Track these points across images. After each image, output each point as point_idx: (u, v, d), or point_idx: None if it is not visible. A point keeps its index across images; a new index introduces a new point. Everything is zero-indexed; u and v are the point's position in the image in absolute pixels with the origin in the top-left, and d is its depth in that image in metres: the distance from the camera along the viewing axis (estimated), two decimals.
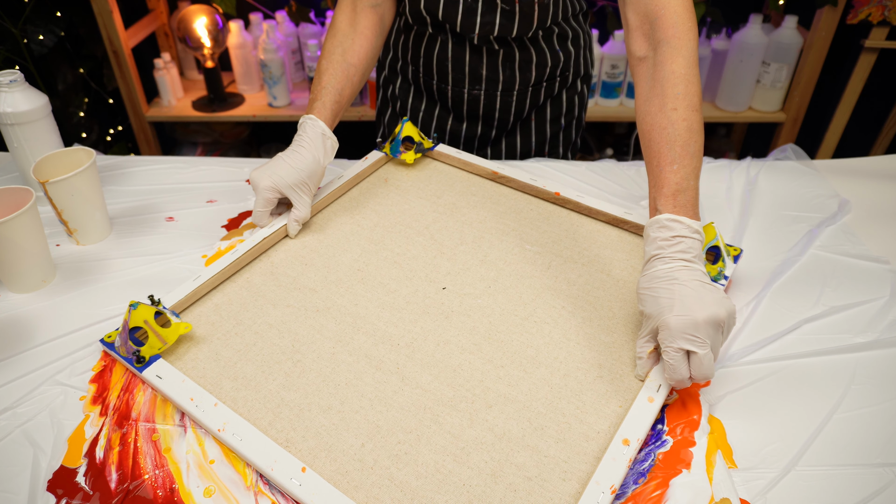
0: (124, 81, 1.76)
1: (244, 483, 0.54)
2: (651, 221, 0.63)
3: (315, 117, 0.80)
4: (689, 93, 0.65)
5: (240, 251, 0.74)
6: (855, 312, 0.71)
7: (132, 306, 0.61)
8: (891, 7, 1.57)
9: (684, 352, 0.56)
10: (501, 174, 0.88)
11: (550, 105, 1.03)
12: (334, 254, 0.77)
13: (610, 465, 0.52)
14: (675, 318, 0.55)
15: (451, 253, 0.77)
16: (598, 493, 0.50)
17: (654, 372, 0.59)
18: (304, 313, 0.68)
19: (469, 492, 0.52)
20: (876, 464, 0.55)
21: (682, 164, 0.63)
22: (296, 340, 0.65)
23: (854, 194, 0.92)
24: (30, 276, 0.74)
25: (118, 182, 0.97)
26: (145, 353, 0.61)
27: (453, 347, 0.64)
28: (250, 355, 0.64)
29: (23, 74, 0.84)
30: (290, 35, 1.84)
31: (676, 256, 0.60)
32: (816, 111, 1.87)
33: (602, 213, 0.81)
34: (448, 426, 0.57)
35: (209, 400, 0.57)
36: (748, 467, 0.55)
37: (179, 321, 0.63)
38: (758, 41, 1.72)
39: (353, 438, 0.56)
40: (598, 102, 1.87)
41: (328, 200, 0.85)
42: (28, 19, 1.61)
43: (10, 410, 0.60)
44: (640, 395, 0.58)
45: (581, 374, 0.62)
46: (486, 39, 0.90)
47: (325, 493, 0.50)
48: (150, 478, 0.54)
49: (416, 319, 0.68)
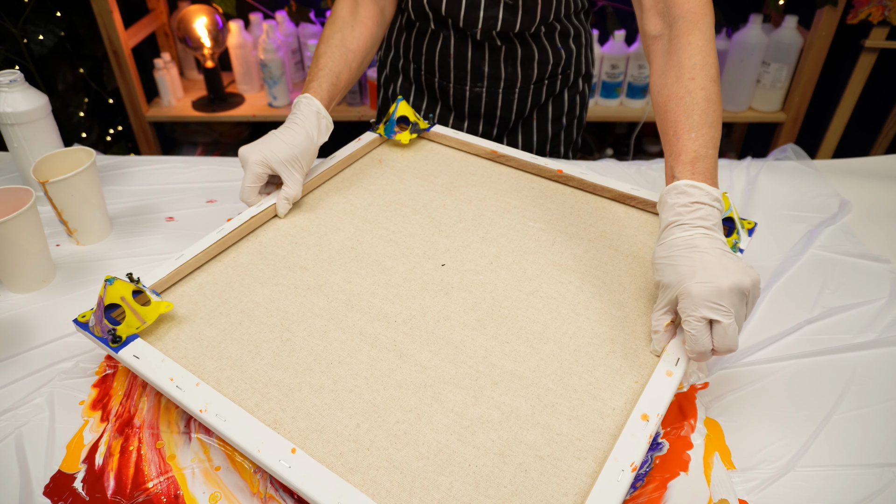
0: (124, 81, 1.76)
1: (250, 490, 0.53)
2: (668, 188, 0.60)
3: (310, 96, 0.78)
4: (706, 63, 0.63)
5: (226, 230, 0.70)
6: (855, 312, 0.71)
7: (108, 281, 0.57)
8: (891, 7, 1.57)
9: (707, 321, 0.52)
10: (501, 153, 0.84)
11: (552, 104, 1.03)
12: (326, 232, 0.72)
13: (629, 442, 0.48)
14: (697, 285, 0.52)
15: (449, 230, 0.72)
16: (618, 470, 0.46)
17: (672, 346, 0.56)
18: (294, 291, 0.64)
19: (476, 472, 0.48)
20: (876, 464, 0.55)
21: (701, 132, 0.61)
22: (285, 318, 0.61)
23: (854, 194, 0.92)
24: (30, 276, 0.74)
25: (118, 182, 0.97)
26: (122, 332, 0.57)
27: (454, 324, 0.60)
28: (236, 335, 0.59)
29: (23, 74, 0.84)
30: (290, 35, 1.84)
31: (696, 223, 0.57)
32: (816, 111, 1.87)
33: (607, 190, 0.77)
34: (451, 404, 0.53)
35: (191, 380, 0.53)
36: (748, 468, 0.55)
37: (160, 300, 0.60)
38: (758, 41, 1.72)
39: (348, 419, 0.52)
40: (598, 102, 1.87)
41: (319, 181, 0.81)
42: (28, 19, 1.61)
43: (9, 412, 0.60)
44: (658, 369, 0.53)
45: (592, 349, 0.58)
46: (489, 35, 0.90)
47: (317, 475, 0.46)
48: (154, 485, 0.53)
49: (414, 296, 0.63)
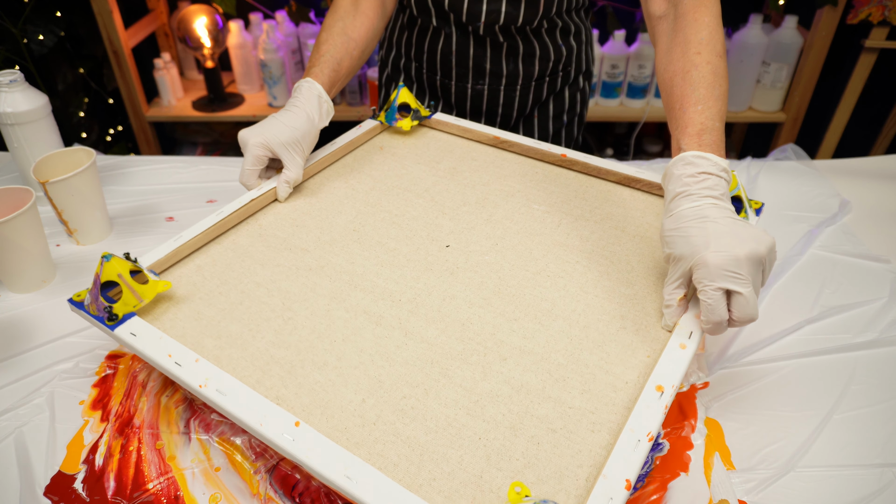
0: (124, 81, 1.76)
1: (251, 490, 0.53)
2: (674, 160, 0.59)
3: (312, 80, 0.77)
4: (713, 39, 0.62)
5: (225, 212, 0.69)
6: (855, 312, 0.71)
7: (105, 258, 0.56)
8: (891, 7, 1.57)
9: (724, 291, 0.51)
10: (504, 139, 0.83)
11: (553, 101, 1.03)
12: (328, 216, 0.71)
13: (644, 412, 0.46)
14: (713, 254, 0.51)
15: (453, 213, 0.71)
16: (634, 440, 0.44)
17: (684, 320, 0.55)
18: (296, 272, 0.63)
19: (486, 445, 0.47)
20: (876, 464, 0.55)
21: (707, 105, 0.60)
22: (286, 298, 0.60)
23: (854, 194, 0.92)
24: (30, 276, 0.74)
25: (118, 182, 0.97)
26: (118, 310, 0.55)
27: (460, 302, 0.59)
28: (236, 314, 0.58)
29: (23, 74, 0.84)
30: (290, 35, 1.84)
31: (703, 193, 0.55)
32: (816, 111, 1.87)
33: (612, 173, 0.76)
34: (459, 380, 0.51)
35: (190, 356, 0.52)
36: (748, 468, 0.55)
37: (158, 279, 0.58)
38: (758, 41, 1.72)
39: (353, 394, 0.51)
40: (598, 102, 1.87)
41: (320, 166, 0.80)
42: (28, 19, 1.61)
43: (9, 412, 0.60)
44: (671, 342, 0.52)
45: (602, 325, 0.56)
46: (491, 29, 0.90)
47: (322, 448, 0.45)
48: (154, 486, 0.53)
49: (419, 276, 0.62)
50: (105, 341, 0.68)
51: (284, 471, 0.54)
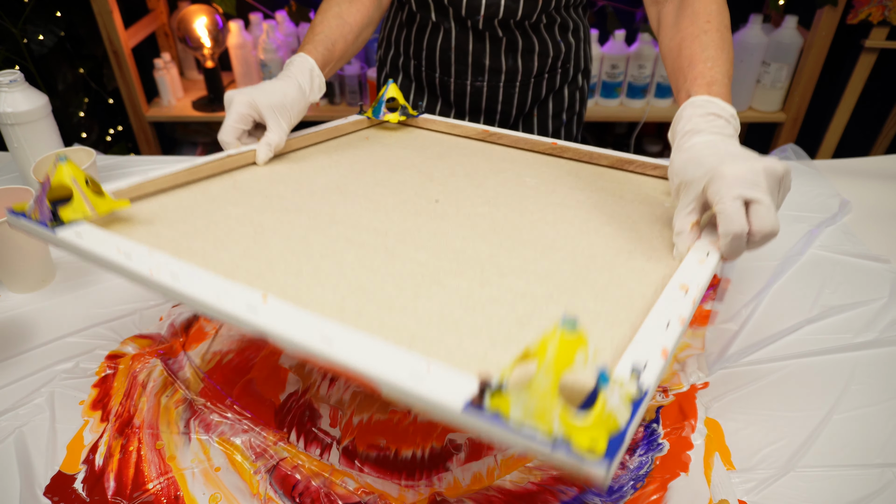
0: (124, 81, 1.76)
1: (251, 491, 0.53)
2: (685, 104, 0.58)
3: (305, 54, 0.76)
4: (721, 13, 0.62)
5: (198, 162, 0.62)
6: (854, 312, 0.71)
7: (60, 158, 0.50)
8: (891, 7, 1.57)
9: (742, 201, 0.48)
10: (492, 132, 0.81)
11: (552, 100, 1.03)
12: (309, 177, 0.66)
13: (670, 302, 0.43)
14: (730, 166, 0.48)
15: (441, 180, 0.67)
16: (663, 324, 0.40)
17: (699, 242, 0.51)
18: (271, 211, 0.57)
19: (490, 335, 0.41)
20: (876, 464, 0.55)
21: (717, 63, 0.59)
22: (260, 227, 0.54)
23: (854, 194, 0.92)
24: (30, 276, 0.74)
25: (118, 182, 0.97)
26: (65, 215, 0.48)
27: (452, 237, 0.54)
28: (200, 235, 0.52)
29: (23, 74, 0.84)
30: (290, 35, 1.84)
31: (714, 131, 0.54)
32: (816, 111, 1.87)
33: (604, 157, 0.73)
34: (454, 288, 0.46)
35: (142, 250, 0.45)
36: (748, 468, 0.55)
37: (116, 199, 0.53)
38: (758, 41, 1.72)
39: (332, 294, 0.45)
40: (598, 102, 1.87)
41: (302, 143, 0.75)
42: (28, 19, 1.61)
43: (9, 412, 0.60)
44: (689, 258, 0.49)
45: (610, 255, 0.52)
46: (490, 24, 0.91)
47: (294, 317, 0.38)
48: (154, 486, 0.53)
49: (406, 219, 0.57)
50: (105, 341, 0.68)
51: (284, 471, 0.54)
